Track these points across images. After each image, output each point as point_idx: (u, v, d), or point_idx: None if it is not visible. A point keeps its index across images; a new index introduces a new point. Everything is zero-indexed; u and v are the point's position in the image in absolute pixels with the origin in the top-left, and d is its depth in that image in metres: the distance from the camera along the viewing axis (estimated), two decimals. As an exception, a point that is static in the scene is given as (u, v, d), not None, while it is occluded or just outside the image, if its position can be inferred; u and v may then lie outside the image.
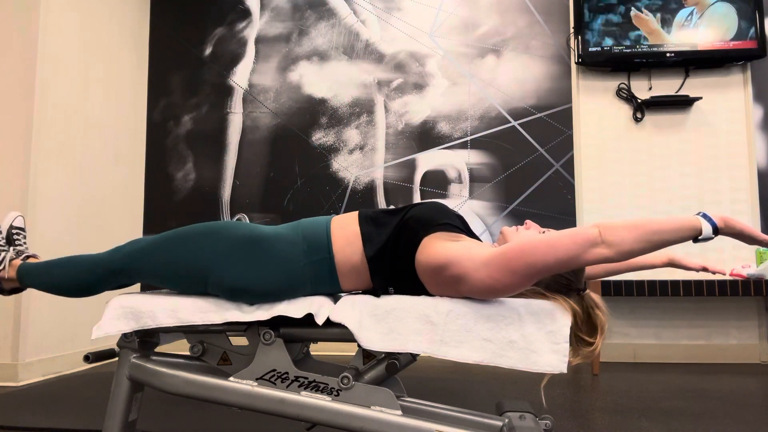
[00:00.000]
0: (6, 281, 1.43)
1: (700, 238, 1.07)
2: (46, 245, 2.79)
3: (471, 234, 1.34)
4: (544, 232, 1.31)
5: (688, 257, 1.52)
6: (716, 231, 1.08)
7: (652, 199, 3.28)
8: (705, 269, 1.40)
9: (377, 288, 1.28)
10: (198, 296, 1.27)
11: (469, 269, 1.14)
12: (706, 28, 3.20)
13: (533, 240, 1.10)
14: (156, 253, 1.28)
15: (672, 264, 1.61)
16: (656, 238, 1.05)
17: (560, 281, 1.25)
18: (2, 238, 1.50)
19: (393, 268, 1.26)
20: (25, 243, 1.53)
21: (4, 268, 1.43)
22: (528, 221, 1.35)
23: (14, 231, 1.52)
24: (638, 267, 1.61)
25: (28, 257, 1.48)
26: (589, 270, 1.59)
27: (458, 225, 1.31)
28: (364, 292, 1.32)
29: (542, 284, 1.26)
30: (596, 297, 1.24)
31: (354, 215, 1.32)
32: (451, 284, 1.18)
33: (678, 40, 3.22)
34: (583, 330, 1.21)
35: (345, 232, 1.28)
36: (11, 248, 1.48)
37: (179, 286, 1.28)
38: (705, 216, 1.07)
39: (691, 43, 3.21)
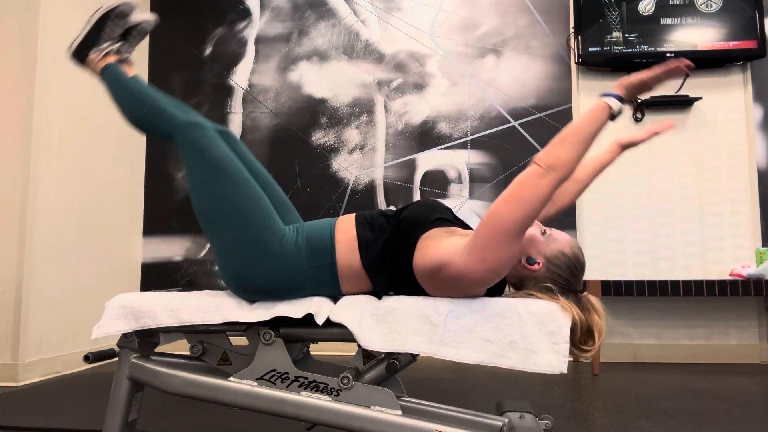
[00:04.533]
0: (89, 64, 1.43)
1: (614, 112, 1.17)
2: (46, 245, 2.79)
3: (463, 226, 1.34)
4: (545, 232, 1.30)
5: (631, 134, 1.41)
6: (621, 99, 1.18)
7: (652, 199, 3.28)
8: (655, 133, 1.39)
9: (378, 291, 1.28)
10: (198, 296, 1.27)
11: (459, 264, 1.14)
12: (706, 28, 3.20)
13: (494, 207, 1.13)
14: (197, 179, 1.29)
15: (623, 147, 1.60)
16: (583, 136, 1.13)
17: (558, 281, 1.25)
18: (122, 27, 1.45)
19: (392, 274, 1.25)
20: (132, 51, 1.49)
21: (99, 54, 1.41)
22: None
23: (136, 32, 1.48)
24: (596, 170, 1.60)
25: (122, 61, 1.46)
26: (564, 196, 1.57)
27: (450, 218, 1.31)
28: (365, 293, 1.32)
29: (542, 287, 1.25)
30: (594, 299, 1.23)
31: (352, 218, 1.32)
32: (452, 286, 1.17)
33: (678, 39, 3.22)
34: (581, 335, 1.20)
35: (346, 236, 1.28)
36: (123, 44, 1.45)
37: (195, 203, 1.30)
38: (606, 94, 1.18)
39: (691, 43, 3.21)
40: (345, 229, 1.29)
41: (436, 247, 1.18)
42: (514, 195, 1.11)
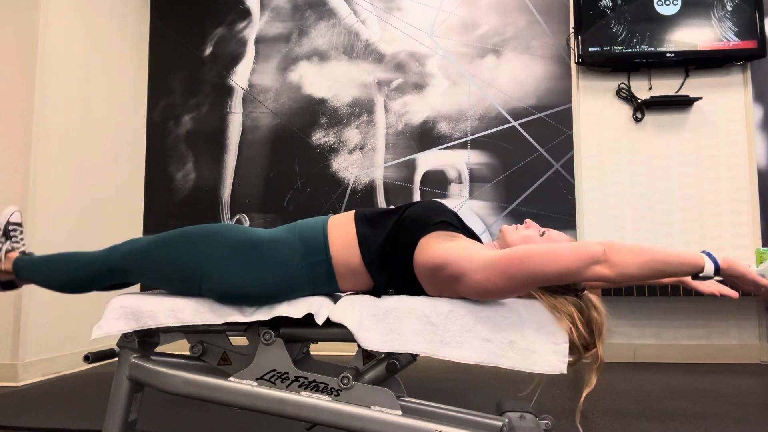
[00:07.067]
0: (1, 273, 1.44)
1: (701, 275, 1.07)
2: (46, 245, 2.79)
3: (468, 232, 1.33)
4: (543, 233, 1.30)
5: (700, 282, 1.31)
6: (718, 271, 1.07)
7: (652, 199, 3.28)
8: (719, 294, 1.32)
9: (378, 289, 1.27)
10: (198, 297, 1.27)
11: (467, 270, 1.13)
12: (706, 28, 3.20)
13: (536, 248, 1.09)
14: (152, 254, 1.27)
15: (681, 284, 1.49)
16: (658, 267, 1.05)
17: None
18: None
19: (392, 271, 1.25)
20: (22, 239, 1.53)
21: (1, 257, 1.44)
22: (528, 220, 1.34)
23: (11, 227, 1.52)
24: (643, 283, 1.55)
25: (24, 252, 1.48)
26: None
27: (455, 223, 1.29)
28: (364, 293, 1.32)
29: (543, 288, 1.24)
30: (594, 297, 1.22)
31: (351, 215, 1.31)
32: (448, 283, 1.18)
33: (678, 39, 3.22)
34: (582, 334, 1.19)
35: (342, 233, 1.27)
36: (8, 242, 1.49)
37: (174, 289, 1.28)
38: (710, 255, 1.07)
39: (691, 43, 3.21)
40: (340, 226, 1.28)
41: (440, 247, 1.18)
42: (561, 255, 1.07)
